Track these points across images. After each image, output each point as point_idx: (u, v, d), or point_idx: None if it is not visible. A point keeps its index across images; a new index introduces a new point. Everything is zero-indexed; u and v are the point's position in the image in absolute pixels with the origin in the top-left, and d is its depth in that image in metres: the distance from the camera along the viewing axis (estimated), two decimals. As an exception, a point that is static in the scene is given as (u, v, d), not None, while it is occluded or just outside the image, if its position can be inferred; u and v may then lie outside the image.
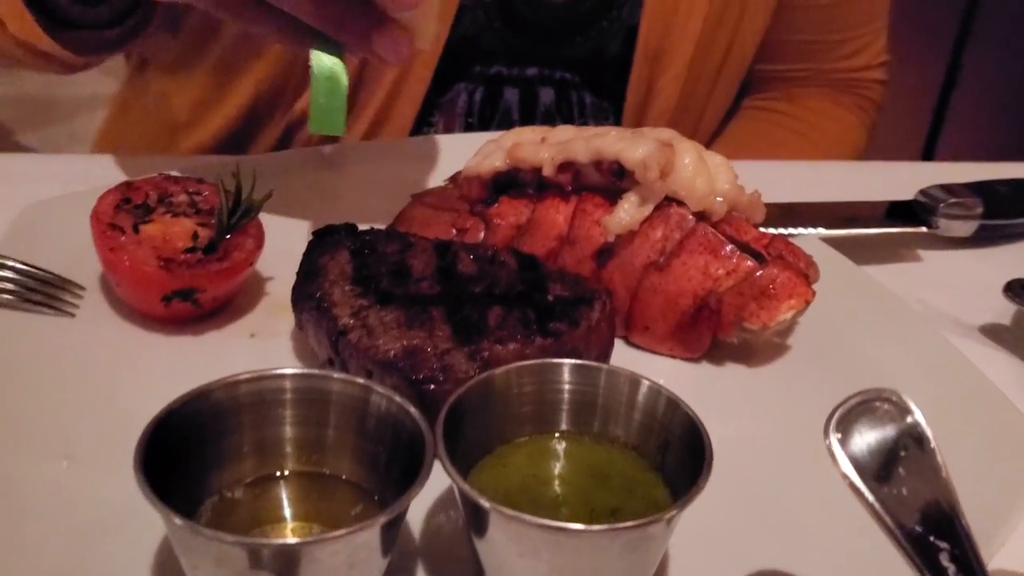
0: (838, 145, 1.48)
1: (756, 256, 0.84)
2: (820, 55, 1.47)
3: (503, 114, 1.37)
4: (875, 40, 1.48)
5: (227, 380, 0.59)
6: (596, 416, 0.64)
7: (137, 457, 0.52)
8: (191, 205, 0.87)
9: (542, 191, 0.93)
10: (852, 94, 1.50)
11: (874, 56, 1.49)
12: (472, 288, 0.78)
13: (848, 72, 1.48)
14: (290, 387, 0.60)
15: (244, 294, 0.88)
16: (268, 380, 0.60)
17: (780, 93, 1.50)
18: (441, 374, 0.70)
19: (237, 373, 0.60)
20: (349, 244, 0.81)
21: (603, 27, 1.33)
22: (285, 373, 0.60)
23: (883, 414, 0.52)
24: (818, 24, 1.44)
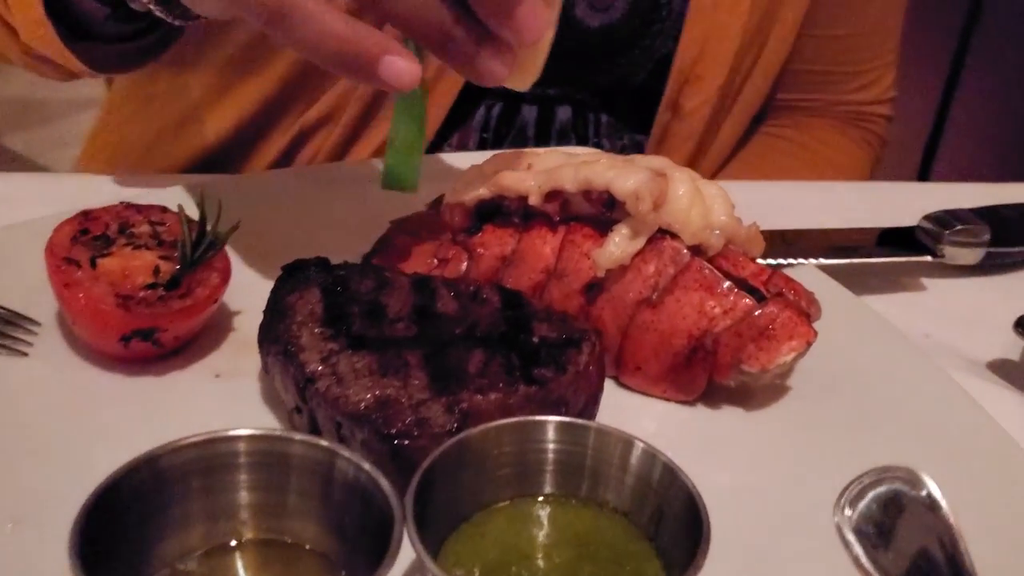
0: (845, 176, 1.46)
1: (755, 293, 0.79)
2: (831, 86, 1.45)
3: (519, 130, 1.34)
4: (885, 75, 1.47)
5: (174, 445, 0.53)
6: (584, 478, 0.59)
7: (72, 540, 0.47)
8: (153, 236, 0.81)
9: (528, 220, 0.88)
10: (859, 128, 1.48)
11: (883, 91, 1.48)
12: (452, 329, 0.73)
13: (857, 105, 1.47)
14: (245, 450, 0.55)
15: (210, 330, 0.83)
16: (220, 443, 0.55)
17: (789, 121, 1.48)
18: (416, 428, 0.65)
19: (184, 437, 0.54)
20: (320, 280, 0.76)
21: (634, 55, 1.31)
22: (239, 435, 0.55)
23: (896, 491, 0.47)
24: (831, 55, 1.42)
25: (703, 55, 1.29)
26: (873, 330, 0.90)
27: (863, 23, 1.41)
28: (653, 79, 1.34)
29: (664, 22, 1.30)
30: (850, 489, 0.47)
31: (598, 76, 1.33)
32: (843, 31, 1.40)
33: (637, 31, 1.30)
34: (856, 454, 0.76)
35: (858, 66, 1.44)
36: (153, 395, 0.77)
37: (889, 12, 1.43)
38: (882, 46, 1.44)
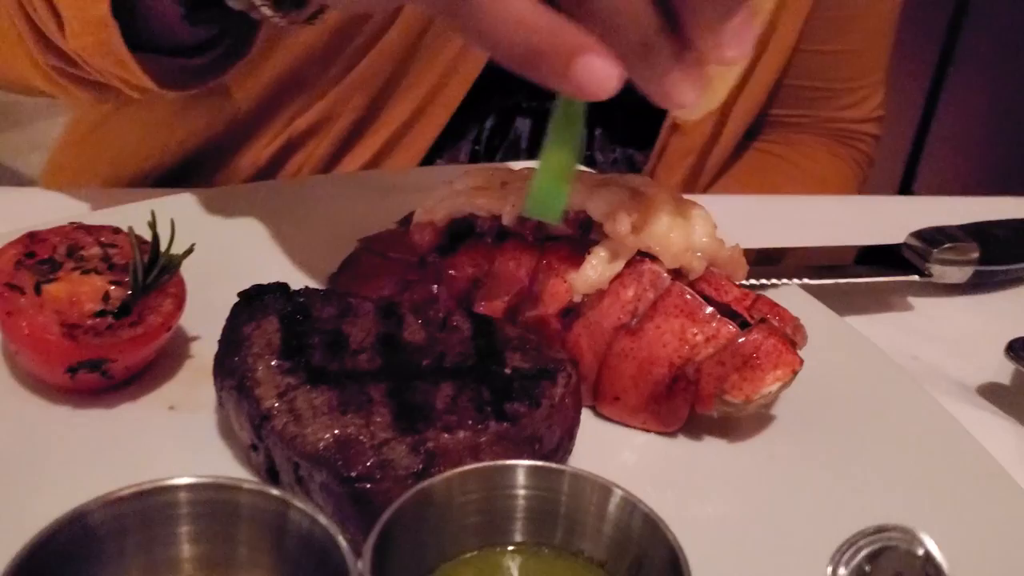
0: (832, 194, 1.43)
1: (738, 320, 0.75)
2: (822, 103, 1.43)
3: (511, 143, 1.31)
4: (874, 93, 1.46)
5: (106, 498, 0.49)
6: (558, 527, 0.55)
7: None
8: (104, 259, 0.77)
9: (502, 241, 0.83)
10: (848, 146, 1.46)
11: (872, 110, 1.46)
12: (419, 360, 0.69)
13: (846, 123, 1.45)
14: (187, 500, 0.51)
15: (164, 358, 0.78)
16: (159, 494, 0.50)
17: (780, 137, 1.46)
18: (378, 470, 0.60)
19: (118, 488, 0.50)
20: (279, 308, 0.72)
21: None
22: (180, 484, 0.51)
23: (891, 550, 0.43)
24: (823, 71, 1.40)
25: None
26: (861, 355, 0.87)
27: (855, 40, 1.39)
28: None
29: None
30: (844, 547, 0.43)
31: None
32: (835, 47, 1.38)
33: None
34: (845, 491, 0.73)
35: (849, 83, 1.43)
36: (102, 430, 0.72)
37: (880, 30, 1.42)
38: (873, 64, 1.43)
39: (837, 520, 0.69)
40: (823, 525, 0.68)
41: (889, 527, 0.43)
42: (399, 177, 1.10)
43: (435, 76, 1.20)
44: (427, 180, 0.97)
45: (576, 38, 0.60)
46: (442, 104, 1.22)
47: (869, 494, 0.73)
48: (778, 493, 0.73)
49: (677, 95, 0.65)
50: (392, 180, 1.10)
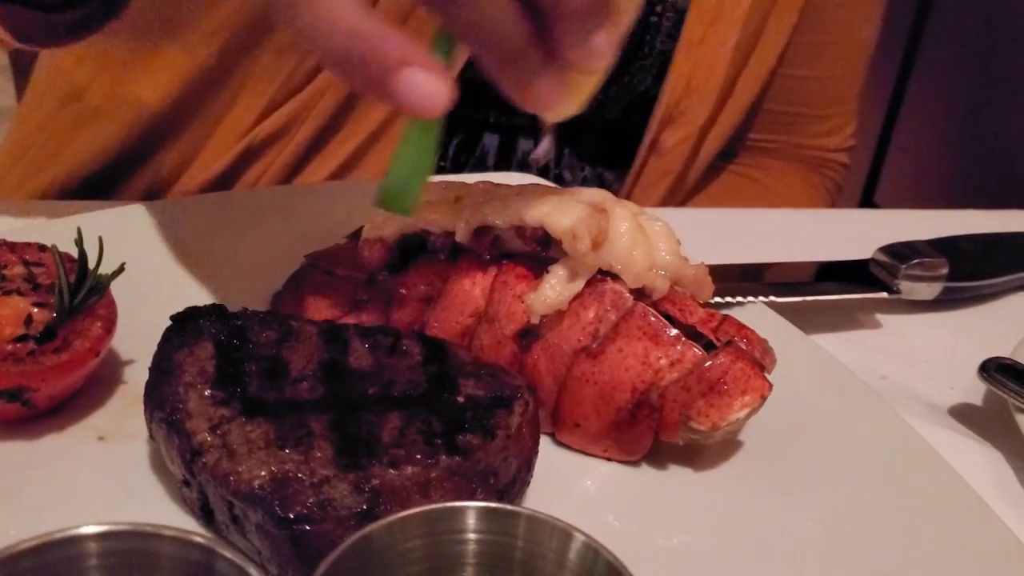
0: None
1: (704, 342, 0.72)
2: (796, 128, 1.43)
3: (479, 159, 1.29)
4: (847, 122, 1.46)
5: (4, 553, 0.43)
6: (513, 572, 0.51)
7: None
8: (27, 279, 0.72)
9: (456, 258, 0.79)
10: (820, 174, 1.46)
11: (844, 139, 1.47)
12: (365, 388, 0.65)
13: (820, 151, 1.45)
14: (98, 551, 0.46)
15: (93, 384, 0.73)
16: (65, 545, 0.45)
17: (754, 161, 1.45)
18: (318, 511, 0.56)
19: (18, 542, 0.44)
20: (214, 332, 0.67)
21: (612, 91, 1.27)
22: (89, 533, 0.46)
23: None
24: (798, 96, 1.40)
25: (688, 92, 1.27)
26: (830, 377, 0.84)
27: (831, 66, 1.39)
28: (625, 113, 1.31)
29: (646, 59, 1.26)
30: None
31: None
32: (812, 72, 1.39)
33: (617, 67, 1.25)
34: (817, 523, 0.69)
35: (823, 110, 1.43)
36: (24, 463, 0.67)
37: (855, 58, 1.42)
38: (847, 92, 1.43)
39: (810, 555, 0.66)
40: (796, 560, 0.66)
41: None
42: (349, 188, 1.05)
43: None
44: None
45: (400, 49, 0.57)
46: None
47: (843, 527, 0.69)
48: (748, 524, 0.69)
49: (542, 100, 0.64)
50: (341, 192, 1.05)
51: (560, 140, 1.33)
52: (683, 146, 1.30)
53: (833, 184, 1.47)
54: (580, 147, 1.35)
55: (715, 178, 1.43)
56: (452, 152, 1.29)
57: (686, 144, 1.30)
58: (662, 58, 1.26)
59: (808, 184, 1.45)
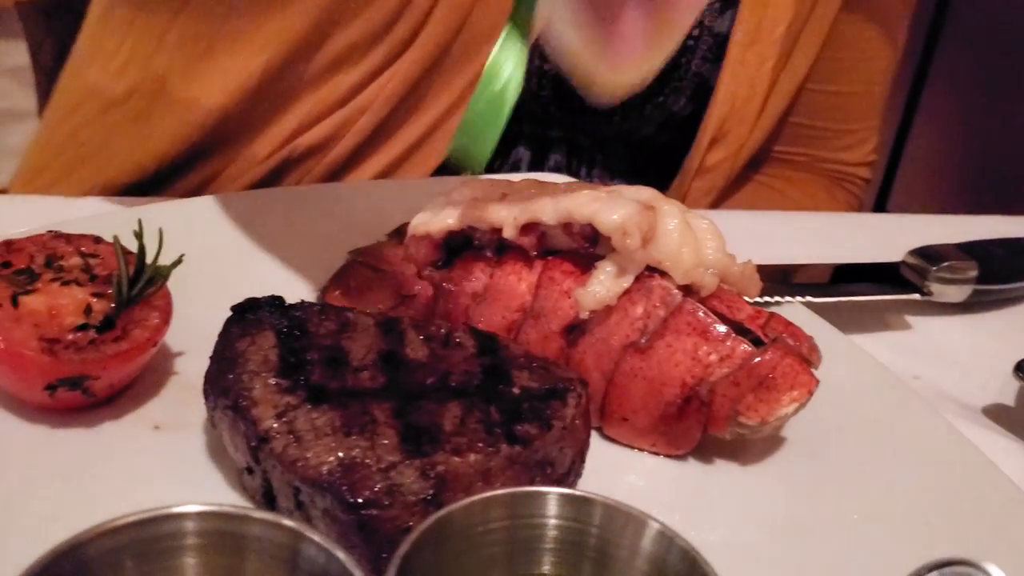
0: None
1: (753, 339, 0.73)
2: (822, 142, 1.45)
3: (512, 166, 1.31)
4: (870, 137, 1.48)
5: (105, 527, 0.45)
6: (586, 559, 0.52)
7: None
8: (85, 270, 0.72)
9: (502, 254, 0.80)
10: (842, 188, 1.48)
11: (866, 154, 1.48)
12: (423, 378, 0.66)
13: (843, 165, 1.47)
14: (193, 530, 0.47)
15: (148, 375, 0.74)
16: (162, 523, 0.46)
17: (779, 172, 1.47)
18: (386, 496, 0.57)
19: (118, 516, 0.45)
20: (274, 323, 0.68)
21: (646, 110, 1.29)
22: (185, 512, 0.47)
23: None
24: (824, 111, 1.42)
25: (732, 112, 1.29)
26: (868, 375, 0.85)
27: (855, 82, 1.41)
28: (658, 131, 1.33)
29: (682, 80, 1.28)
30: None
31: (605, 126, 1.31)
32: (836, 88, 1.41)
33: (654, 87, 1.28)
34: (859, 516, 0.70)
35: (847, 125, 1.44)
36: (82, 451, 0.68)
37: (880, 75, 1.44)
38: (871, 108, 1.45)
39: (852, 549, 0.67)
40: (838, 555, 0.67)
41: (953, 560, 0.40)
42: (389, 188, 1.06)
43: (445, 103, 1.19)
44: (418, 191, 0.93)
45: None
46: (447, 130, 1.20)
47: (885, 522, 0.70)
48: (792, 519, 0.70)
49: None
50: (382, 191, 1.06)
51: (592, 152, 1.35)
52: (725, 164, 1.32)
53: (855, 199, 1.49)
54: (612, 162, 1.37)
55: (740, 187, 1.44)
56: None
57: (728, 163, 1.32)
58: (697, 79, 1.28)
59: (831, 197, 1.46)
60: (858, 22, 1.36)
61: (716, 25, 1.25)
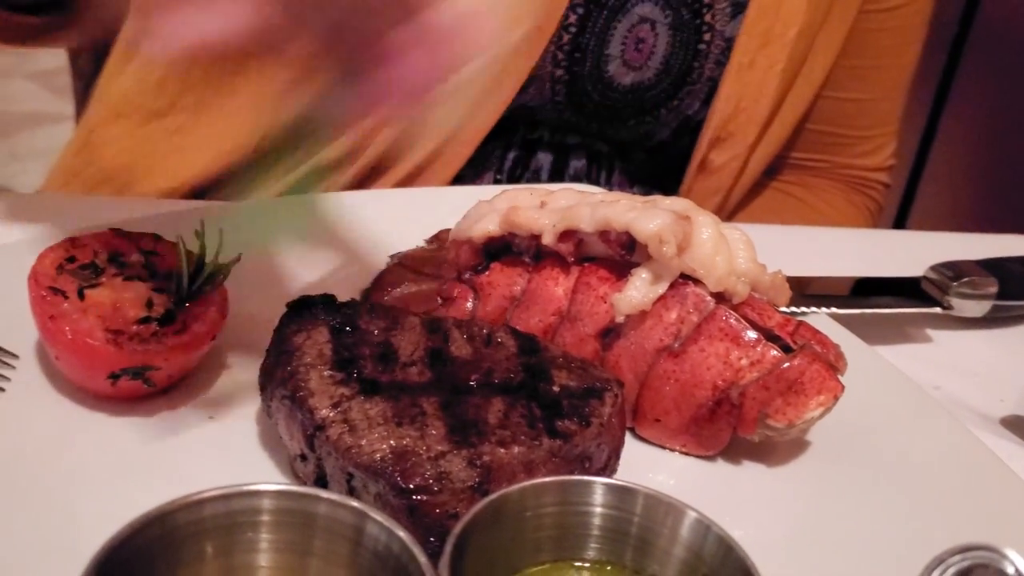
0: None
1: (782, 345, 0.76)
2: (838, 148, 1.47)
3: (533, 174, 1.33)
4: (888, 143, 1.49)
5: (189, 500, 0.48)
6: (629, 546, 0.55)
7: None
8: (146, 267, 0.76)
9: (540, 259, 0.84)
10: (861, 194, 1.50)
11: (885, 159, 1.50)
12: (467, 375, 0.69)
13: (861, 171, 1.48)
14: (268, 507, 0.50)
15: (203, 368, 0.78)
16: (241, 499, 0.50)
17: (797, 179, 1.49)
18: (436, 483, 0.60)
19: (202, 491, 0.49)
20: (328, 319, 0.71)
21: (661, 114, 1.32)
22: (262, 490, 0.50)
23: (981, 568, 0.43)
24: (842, 117, 1.44)
25: (737, 113, 1.30)
26: (891, 384, 0.88)
27: (874, 89, 1.43)
28: (674, 136, 1.35)
29: (695, 84, 1.30)
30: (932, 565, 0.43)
31: (622, 131, 1.33)
32: (855, 95, 1.42)
33: (668, 91, 1.30)
34: (881, 519, 0.73)
35: (866, 131, 1.46)
36: (141, 438, 0.72)
37: (898, 82, 1.46)
38: (889, 114, 1.47)
39: (874, 551, 0.70)
40: (861, 555, 0.69)
41: (975, 546, 0.43)
42: (429, 195, 1.10)
43: (463, 112, 1.21)
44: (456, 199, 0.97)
45: None
46: (467, 140, 1.23)
47: (906, 525, 0.73)
48: (816, 520, 0.73)
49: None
50: (422, 198, 1.10)
51: (611, 159, 1.38)
52: (732, 164, 1.34)
53: (874, 203, 1.51)
54: (630, 167, 1.39)
55: (759, 194, 1.46)
56: (508, 166, 1.33)
57: (735, 163, 1.34)
58: (711, 83, 1.30)
59: (849, 203, 1.48)
60: (876, 30, 1.37)
61: (728, 30, 1.27)
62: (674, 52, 1.27)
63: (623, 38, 1.24)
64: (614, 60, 1.25)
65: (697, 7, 1.25)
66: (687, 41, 1.27)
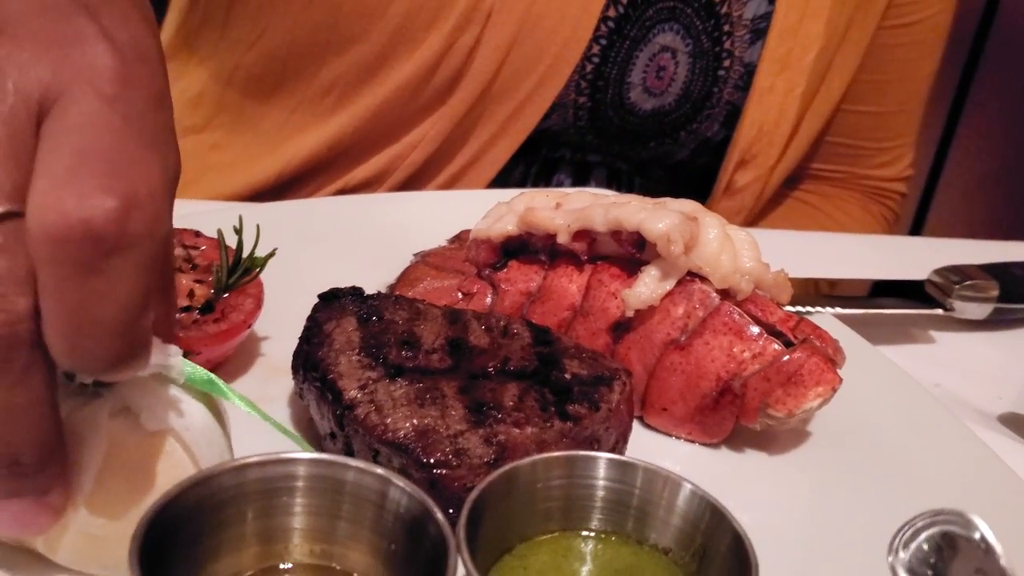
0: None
1: (783, 339, 0.80)
2: (858, 160, 1.50)
3: (554, 187, 1.38)
4: (906, 153, 1.53)
5: (235, 464, 0.53)
6: (630, 516, 0.60)
7: (133, 551, 0.47)
8: (187, 260, 0.82)
9: (554, 258, 0.89)
10: (878, 203, 1.54)
11: (903, 169, 1.53)
12: (485, 362, 0.74)
13: (879, 181, 1.52)
14: (302, 473, 0.55)
15: (239, 355, 0.83)
16: (278, 465, 0.55)
17: (815, 188, 1.53)
18: (455, 458, 0.65)
19: (245, 456, 0.54)
20: (356, 309, 0.76)
21: (680, 137, 1.37)
22: (297, 458, 0.55)
23: (948, 535, 0.48)
24: (860, 130, 1.48)
25: (760, 136, 1.34)
26: (888, 378, 0.92)
27: (891, 102, 1.47)
28: (692, 155, 1.40)
29: (714, 108, 1.34)
30: (903, 531, 0.48)
31: (642, 152, 1.38)
32: (873, 108, 1.46)
33: (687, 115, 1.35)
34: (877, 506, 0.77)
35: (883, 143, 1.50)
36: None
37: (915, 94, 1.49)
38: (907, 125, 1.51)
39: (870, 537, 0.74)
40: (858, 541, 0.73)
41: (944, 511, 0.48)
42: (450, 198, 1.15)
43: (490, 134, 1.26)
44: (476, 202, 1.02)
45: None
46: (491, 162, 1.28)
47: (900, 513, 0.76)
48: (815, 506, 0.77)
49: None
50: (444, 201, 1.15)
51: (631, 175, 1.43)
52: (755, 185, 1.38)
53: (890, 212, 1.54)
54: (650, 184, 1.44)
55: (777, 204, 1.50)
56: (530, 183, 1.38)
57: (758, 184, 1.38)
58: (730, 107, 1.35)
59: (866, 212, 1.52)
60: (893, 45, 1.41)
61: (746, 56, 1.31)
62: (694, 79, 1.31)
63: (644, 67, 1.28)
64: (635, 88, 1.29)
65: (717, 35, 1.29)
66: (707, 68, 1.31)
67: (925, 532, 0.48)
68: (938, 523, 0.47)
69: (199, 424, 0.58)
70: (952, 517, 0.47)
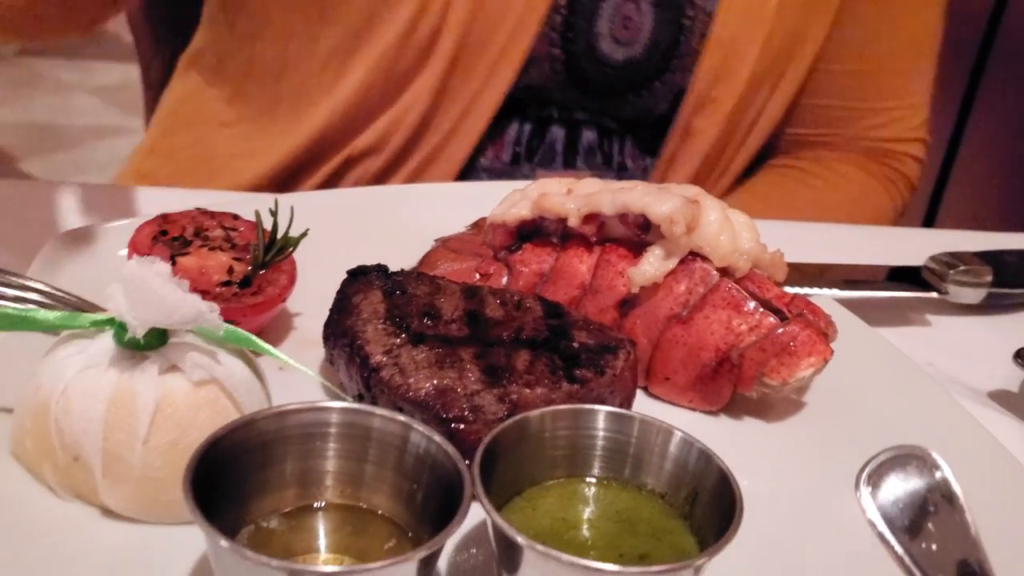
0: (859, 208, 1.52)
1: (778, 313, 0.86)
2: (847, 121, 1.53)
3: (548, 147, 1.44)
4: (910, 115, 1.53)
5: (274, 410, 0.60)
6: (627, 463, 0.66)
7: (186, 482, 0.53)
8: (227, 240, 0.89)
9: (566, 240, 0.95)
10: (882, 164, 1.54)
11: (907, 131, 1.54)
12: (499, 332, 0.80)
13: (880, 142, 1.53)
14: (334, 420, 0.62)
15: (274, 328, 0.90)
16: (313, 412, 0.61)
17: (810, 154, 1.55)
18: (471, 414, 0.71)
19: (284, 404, 0.61)
20: (381, 284, 0.83)
21: (655, 88, 1.42)
22: (330, 406, 0.62)
23: (913, 470, 0.54)
24: (841, 90, 1.50)
25: (718, 80, 1.39)
26: (882, 355, 0.97)
27: (877, 61, 1.48)
28: (671, 109, 1.44)
29: (683, 57, 1.40)
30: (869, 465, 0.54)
31: (623, 107, 1.44)
32: (853, 67, 1.48)
33: (658, 65, 1.40)
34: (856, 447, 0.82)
35: (874, 103, 1.51)
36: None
37: (907, 52, 1.50)
38: (903, 88, 1.52)
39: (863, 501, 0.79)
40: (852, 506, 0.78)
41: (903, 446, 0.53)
42: (468, 188, 1.22)
43: (473, 91, 1.34)
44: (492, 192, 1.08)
45: None
46: (480, 116, 1.36)
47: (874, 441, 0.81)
48: (809, 465, 0.82)
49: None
50: (463, 191, 1.21)
51: (621, 133, 1.47)
52: (711, 131, 1.42)
53: (901, 177, 1.54)
54: (638, 140, 1.49)
55: (764, 172, 1.53)
56: (526, 138, 1.43)
57: (713, 129, 1.42)
58: (698, 55, 1.39)
59: (866, 173, 1.52)
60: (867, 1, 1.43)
61: (709, 5, 1.36)
62: (660, 28, 1.37)
63: (610, 17, 1.35)
64: (604, 38, 1.36)
65: None
66: (671, 17, 1.37)
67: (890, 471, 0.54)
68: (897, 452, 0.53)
69: (239, 375, 0.65)
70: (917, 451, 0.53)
